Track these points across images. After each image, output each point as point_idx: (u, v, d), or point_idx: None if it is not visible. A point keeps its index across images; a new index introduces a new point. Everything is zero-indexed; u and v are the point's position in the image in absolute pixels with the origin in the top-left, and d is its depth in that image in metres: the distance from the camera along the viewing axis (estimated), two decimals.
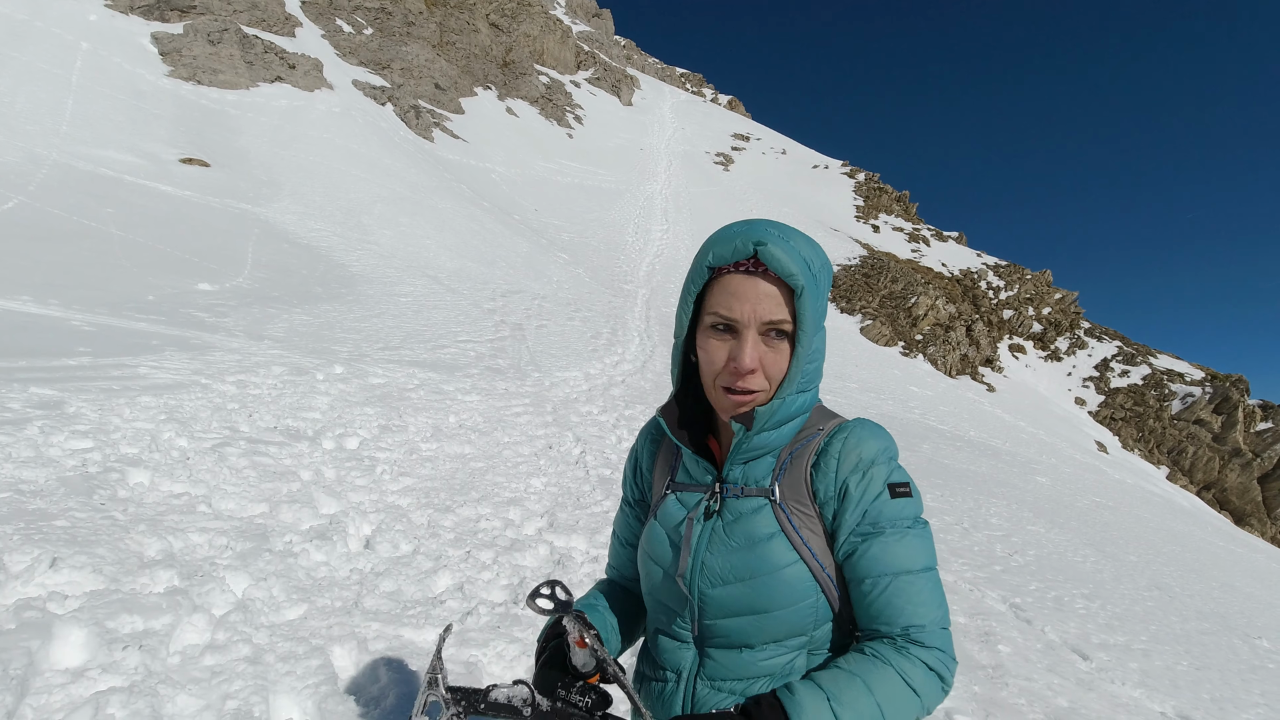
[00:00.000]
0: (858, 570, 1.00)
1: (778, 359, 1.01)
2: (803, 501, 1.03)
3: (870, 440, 1.04)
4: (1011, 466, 13.75)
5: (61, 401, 4.24)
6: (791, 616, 1.02)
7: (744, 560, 1.02)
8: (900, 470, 1.04)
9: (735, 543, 1.04)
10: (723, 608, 1.04)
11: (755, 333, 1.00)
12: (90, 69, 18.40)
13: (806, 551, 1.02)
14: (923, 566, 1.00)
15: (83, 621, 2.22)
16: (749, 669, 1.04)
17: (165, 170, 14.86)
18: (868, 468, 1.02)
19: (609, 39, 66.81)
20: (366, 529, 3.63)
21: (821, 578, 1.02)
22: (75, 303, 7.12)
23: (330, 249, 13.56)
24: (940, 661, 0.97)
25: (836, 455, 1.03)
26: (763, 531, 1.02)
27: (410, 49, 33.77)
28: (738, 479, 1.06)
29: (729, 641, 1.05)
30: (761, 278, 0.99)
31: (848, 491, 1.01)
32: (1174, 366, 39.94)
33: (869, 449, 1.03)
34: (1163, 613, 6.44)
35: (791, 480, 1.04)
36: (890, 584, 0.98)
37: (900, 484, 1.02)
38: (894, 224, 46.38)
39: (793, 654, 1.04)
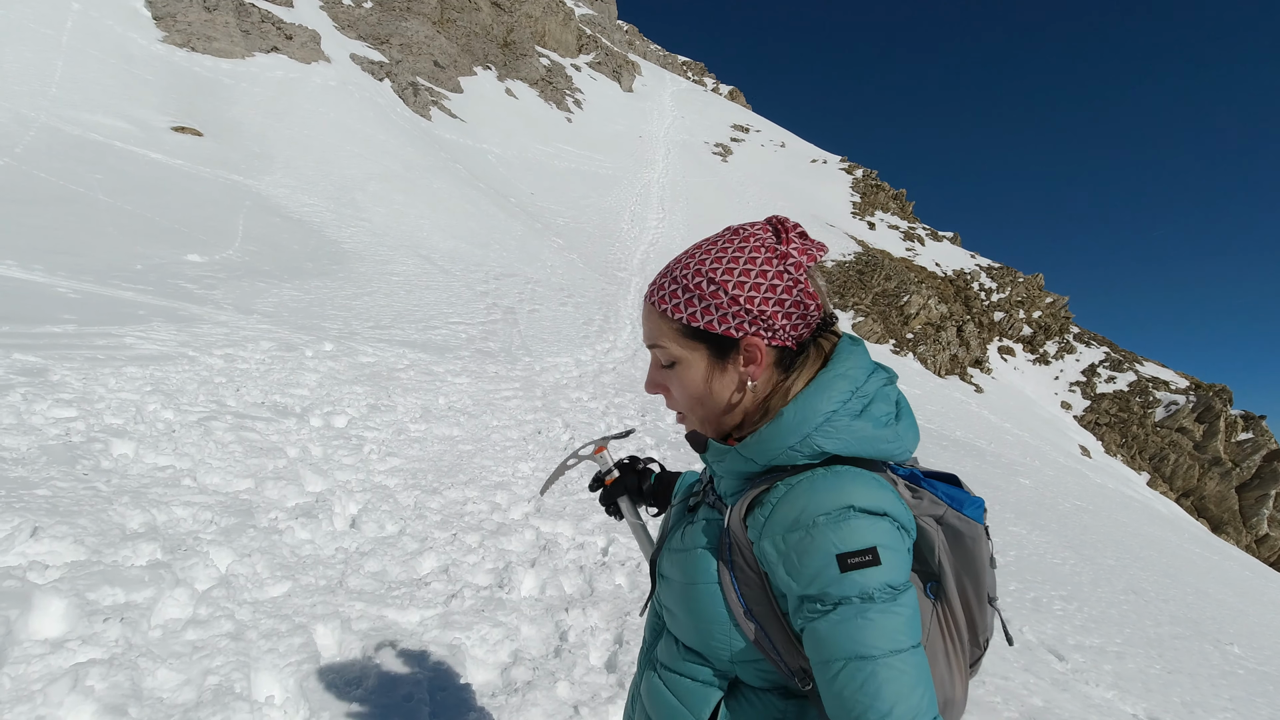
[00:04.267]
0: (809, 649, 0.86)
1: (674, 386, 0.99)
2: (739, 535, 0.93)
3: (818, 496, 0.85)
4: (995, 468, 13.88)
5: (45, 369, 4.18)
6: (705, 631, 0.97)
7: (680, 562, 1.02)
8: (859, 533, 0.83)
9: (684, 543, 1.03)
10: (665, 595, 1.06)
11: (652, 361, 1.00)
12: (81, 30, 18.04)
13: (729, 581, 0.94)
14: (886, 650, 0.80)
15: (63, 592, 2.20)
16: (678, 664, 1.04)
17: (156, 138, 14.63)
18: (806, 530, 0.85)
19: (611, 23, 66.22)
20: (353, 508, 3.61)
21: (738, 613, 0.93)
22: (60, 269, 7.02)
23: (322, 224, 13.42)
24: None
25: (772, 504, 0.89)
26: (701, 540, 1.00)
27: (410, 24, 33.35)
28: (717, 487, 1.03)
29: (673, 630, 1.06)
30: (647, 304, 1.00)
31: (779, 554, 0.87)
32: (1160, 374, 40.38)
33: (811, 506, 0.85)
34: (1137, 616, 6.53)
35: (738, 510, 0.94)
36: (842, 670, 0.81)
37: (855, 552, 0.82)
38: (890, 222, 46.47)
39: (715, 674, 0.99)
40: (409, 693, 2.29)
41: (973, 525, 0.96)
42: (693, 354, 0.95)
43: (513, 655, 2.68)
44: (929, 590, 0.93)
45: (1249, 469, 33.91)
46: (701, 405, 0.98)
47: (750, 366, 0.93)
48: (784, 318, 0.92)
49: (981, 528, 0.97)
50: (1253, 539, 32.12)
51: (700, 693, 1.00)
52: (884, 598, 0.82)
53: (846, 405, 0.90)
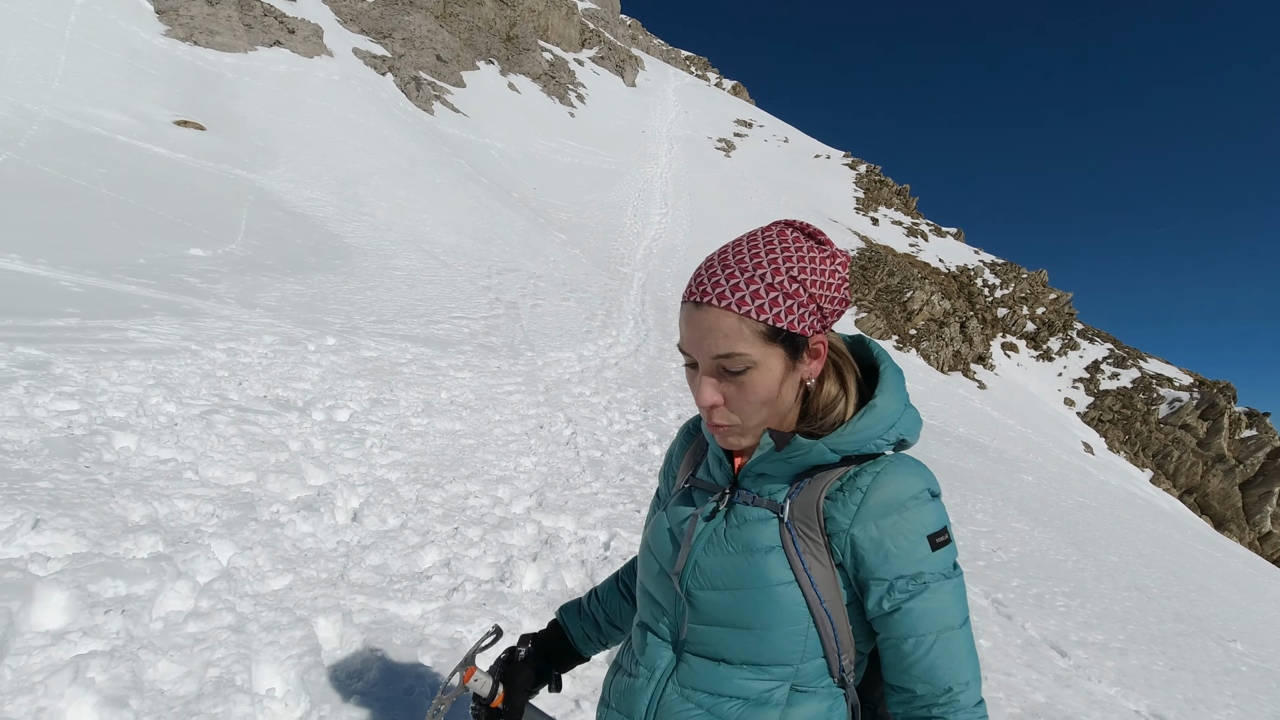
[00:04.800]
0: (900, 628, 0.93)
1: (741, 393, 0.93)
2: (812, 526, 0.95)
3: (905, 480, 0.93)
4: (998, 464, 13.86)
5: (48, 362, 4.19)
6: (778, 640, 0.95)
7: (737, 568, 0.96)
8: (938, 513, 0.94)
9: (733, 548, 0.98)
10: (708, 614, 0.99)
11: (709, 369, 0.94)
12: (84, 24, 18.03)
13: (805, 577, 0.94)
14: (962, 620, 0.95)
15: (64, 584, 2.20)
16: (723, 685, 0.98)
17: (159, 132, 14.63)
18: (901, 513, 0.92)
19: (614, 17, 66.02)
20: (354, 502, 3.61)
21: (817, 609, 0.95)
22: (64, 263, 7.02)
23: (325, 219, 13.42)
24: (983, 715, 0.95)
25: (863, 489, 0.93)
26: (762, 543, 0.96)
27: (413, 18, 33.28)
28: (750, 487, 1.01)
29: (708, 651, 1.00)
30: (709, 308, 0.91)
31: (875, 539, 0.92)
32: (1163, 371, 40.27)
33: (902, 490, 0.93)
34: (1140, 613, 6.52)
35: (803, 502, 0.96)
36: (935, 643, 0.93)
37: (939, 532, 0.93)
38: (893, 217, 46.33)
39: (774, 684, 0.97)
40: (410, 686, 2.29)
41: None
42: (771, 356, 0.92)
43: None
44: None
45: (1253, 466, 33.83)
46: (766, 409, 0.95)
47: (815, 363, 0.97)
48: (834, 314, 0.96)
49: None
50: (1256, 536, 32.05)
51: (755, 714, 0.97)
52: (957, 573, 0.95)
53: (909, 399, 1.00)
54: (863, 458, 0.96)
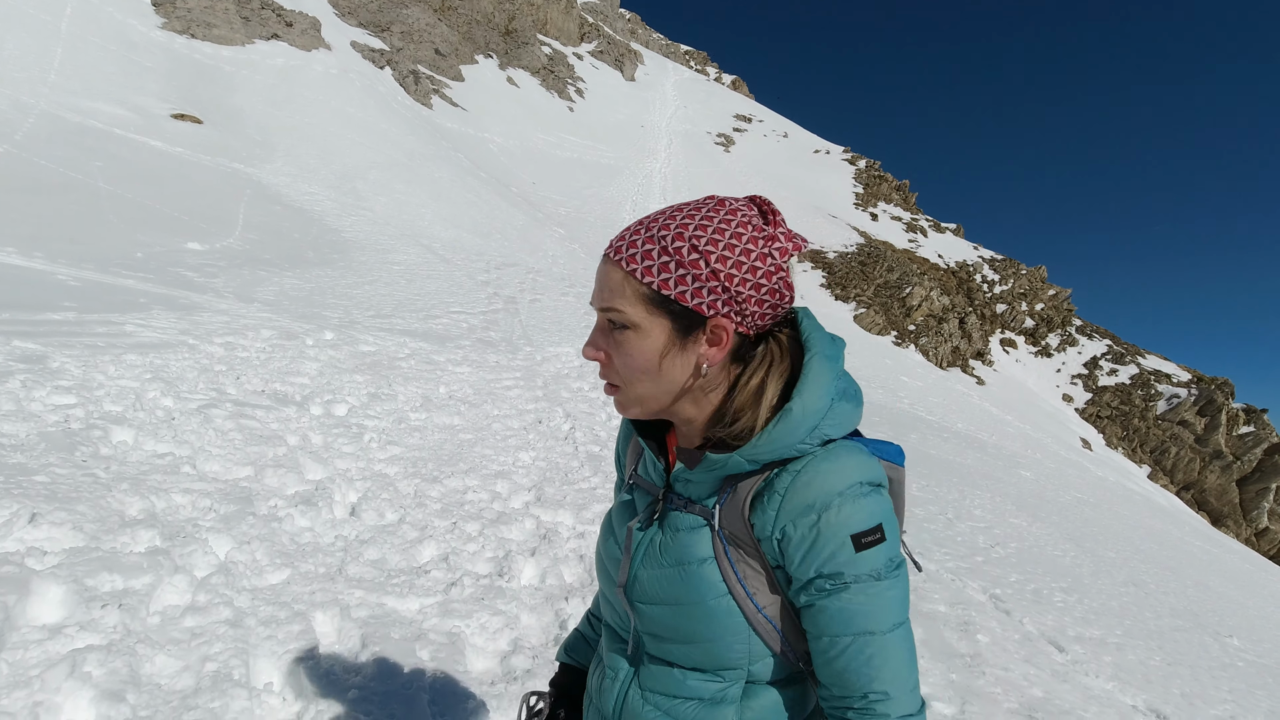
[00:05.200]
0: (815, 625, 0.88)
1: (619, 353, 0.89)
2: (741, 533, 0.90)
3: (829, 478, 0.85)
4: (997, 460, 13.88)
5: (45, 356, 4.17)
6: (718, 650, 0.92)
7: (671, 582, 0.93)
8: (870, 511, 0.85)
9: (667, 560, 0.94)
10: (651, 626, 0.97)
11: (598, 323, 0.91)
12: (80, 16, 17.94)
13: (740, 588, 0.90)
14: (890, 625, 0.86)
15: (61, 578, 2.19)
16: (678, 688, 0.97)
17: (156, 125, 14.57)
18: (821, 512, 0.85)
19: (614, 11, 65.80)
20: (352, 496, 3.60)
21: (755, 617, 0.91)
22: (61, 256, 7.00)
23: (323, 213, 13.38)
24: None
25: (781, 492, 0.87)
26: (695, 555, 0.92)
27: (411, 12, 33.14)
28: (682, 491, 0.96)
29: (661, 658, 0.98)
30: (606, 261, 0.88)
31: (792, 539, 0.86)
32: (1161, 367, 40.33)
33: (824, 488, 0.85)
34: (1138, 609, 6.53)
35: (731, 508, 0.90)
36: (850, 645, 0.86)
37: (866, 531, 0.85)
38: (892, 213, 46.30)
39: (726, 684, 0.95)
40: (408, 680, 2.29)
41: (899, 470, 0.99)
42: (653, 324, 0.86)
43: (512, 644, 2.68)
44: None
45: (1250, 462, 33.91)
46: (646, 381, 0.89)
47: (712, 349, 0.88)
48: (757, 304, 0.86)
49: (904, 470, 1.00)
50: (1253, 532, 32.16)
51: (713, 712, 0.96)
52: (889, 573, 0.86)
53: (836, 387, 0.89)
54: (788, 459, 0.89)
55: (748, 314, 0.86)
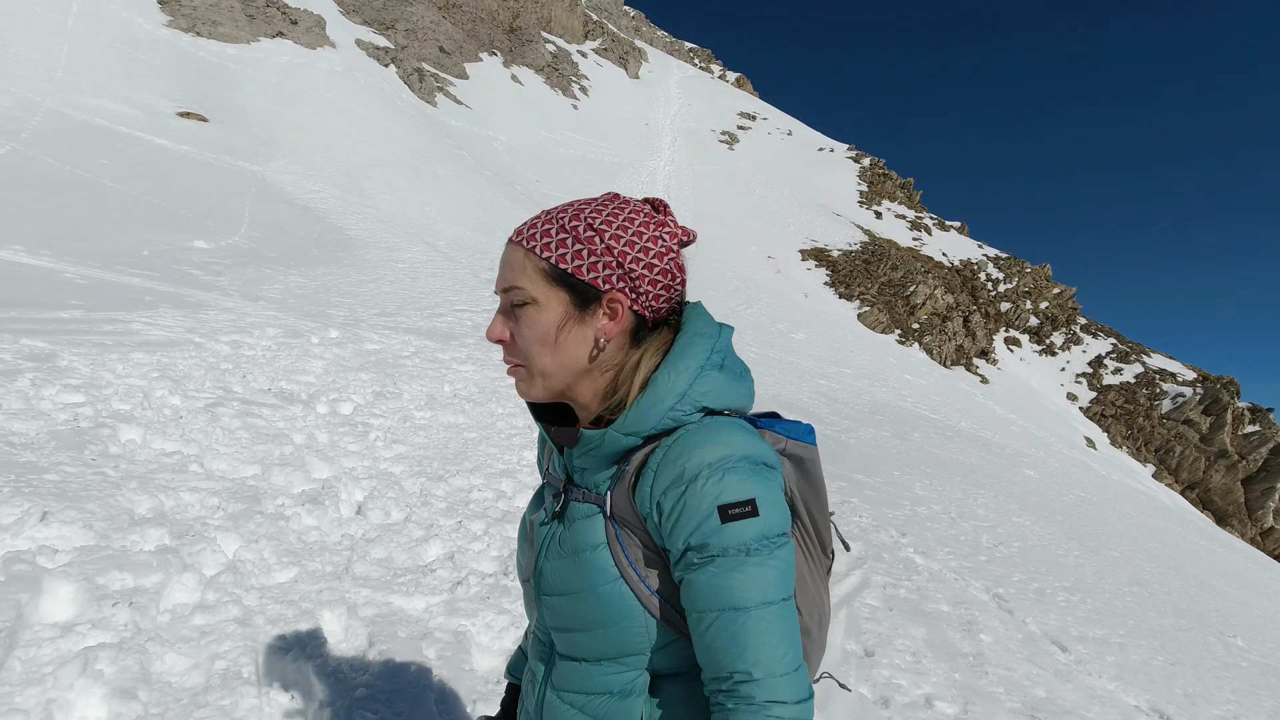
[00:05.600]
0: (686, 601, 0.87)
1: (520, 328, 0.92)
2: (629, 516, 0.91)
3: (699, 450, 0.86)
4: (1000, 458, 13.86)
5: (53, 354, 4.20)
6: (618, 637, 0.92)
7: (568, 570, 0.93)
8: (742, 484, 0.85)
9: (564, 550, 0.95)
10: (555, 619, 0.97)
11: (501, 306, 0.95)
12: (86, 14, 17.99)
13: (631, 572, 0.90)
14: (759, 602, 0.84)
15: (72, 576, 2.22)
16: (587, 683, 0.96)
17: (162, 123, 14.61)
18: (690, 483, 0.85)
19: (618, 9, 65.71)
20: (359, 495, 3.62)
21: (649, 600, 0.90)
22: (68, 254, 7.04)
23: (328, 211, 13.41)
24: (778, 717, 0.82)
25: (654, 468, 0.88)
26: (587, 542, 0.92)
27: (415, 10, 33.15)
28: (579, 481, 0.97)
29: (569, 652, 0.98)
30: (508, 244, 0.94)
31: (665, 512, 0.86)
32: (1167, 366, 40.20)
33: (693, 461, 0.85)
34: (1141, 608, 6.53)
35: (620, 491, 0.91)
36: (715, 621, 0.84)
37: (736, 503, 0.84)
38: (897, 211, 46.19)
39: (631, 672, 0.94)
40: (414, 679, 2.31)
41: (811, 449, 1.00)
42: (552, 297, 0.90)
43: (518, 643, 2.70)
44: None
45: (1255, 461, 33.80)
46: (546, 355, 0.91)
47: (608, 323, 0.91)
48: (650, 283, 0.91)
49: (816, 449, 1.01)
50: (1258, 532, 32.06)
51: (623, 705, 0.95)
52: (760, 549, 0.85)
53: (710, 359, 0.91)
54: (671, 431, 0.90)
55: (642, 292, 0.91)
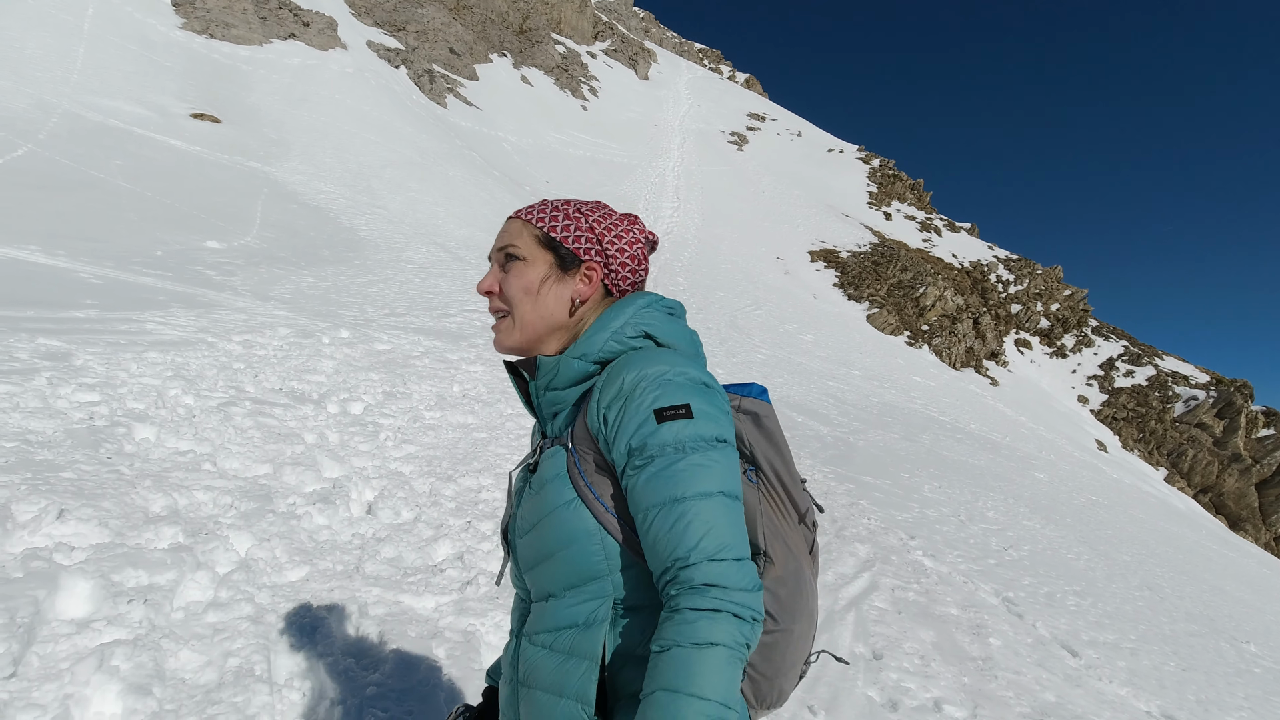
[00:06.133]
0: (632, 505, 0.92)
1: (509, 279, 1.07)
2: (585, 440, 0.98)
3: (637, 366, 0.96)
4: (1010, 461, 13.78)
5: (69, 353, 4.25)
6: (576, 557, 0.97)
7: (534, 506, 1.01)
8: (675, 390, 0.93)
9: (532, 489, 1.03)
10: (526, 559, 1.04)
11: (495, 261, 1.10)
12: (102, 17, 18.17)
13: (588, 492, 0.97)
14: (696, 493, 0.88)
15: (88, 573, 2.24)
16: (555, 619, 1.00)
17: (175, 124, 14.74)
18: (629, 395, 0.93)
19: (628, 10, 65.73)
20: (369, 494, 3.65)
21: (604, 517, 0.96)
22: (83, 254, 7.11)
23: (339, 211, 13.49)
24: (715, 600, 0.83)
25: (600, 384, 0.98)
26: (550, 474, 1.00)
27: (426, 11, 33.28)
28: (551, 432, 1.07)
29: (539, 593, 1.03)
30: (507, 219, 1.12)
31: (610, 422, 0.94)
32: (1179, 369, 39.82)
33: (632, 374, 0.95)
34: (1153, 613, 6.48)
35: (580, 423, 1.00)
36: (657, 515, 0.89)
37: (671, 406, 0.91)
38: (906, 212, 45.98)
39: (594, 601, 0.97)
40: (424, 678, 2.33)
41: (764, 405, 1.10)
42: (539, 257, 1.07)
43: None
44: (749, 475, 1.05)
45: (1269, 465, 33.42)
46: (528, 303, 1.05)
47: (583, 286, 1.07)
48: (620, 264, 1.08)
49: (770, 406, 1.11)
50: (1272, 537, 31.70)
51: (586, 635, 0.97)
52: (697, 447, 0.91)
53: (656, 305, 1.07)
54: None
55: (613, 269, 1.08)
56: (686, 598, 0.85)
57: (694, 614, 0.84)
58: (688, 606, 0.84)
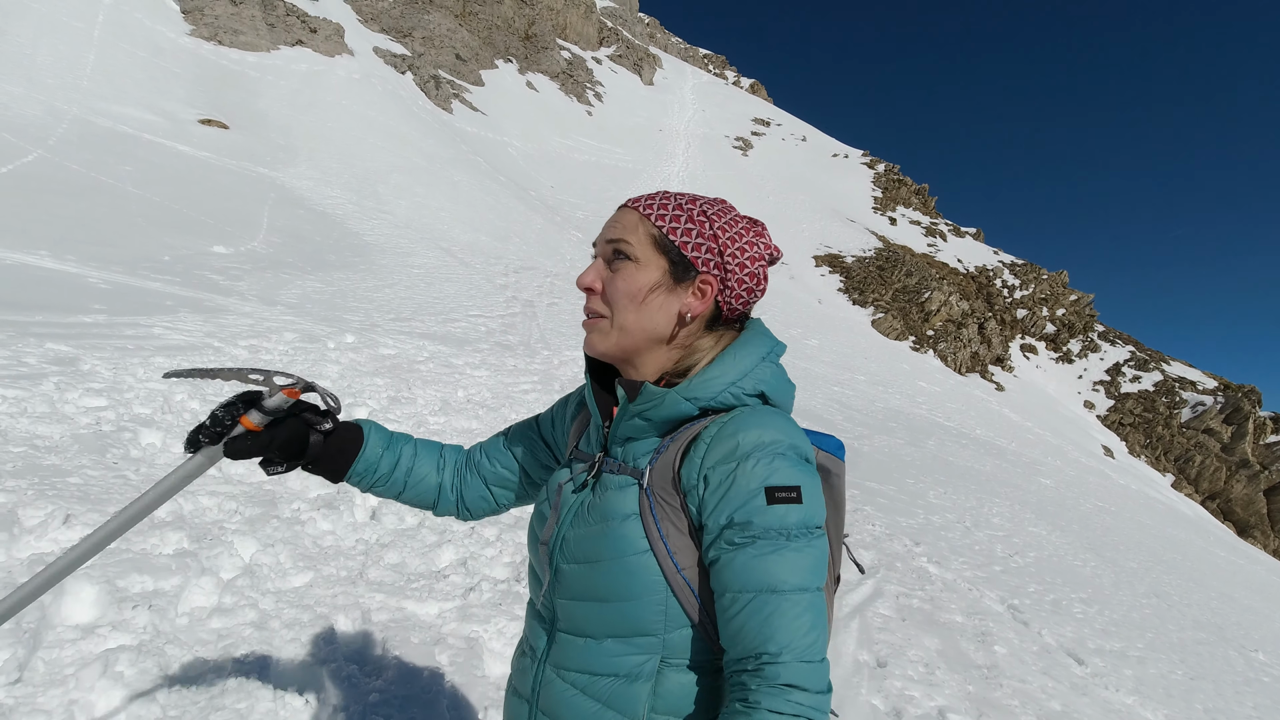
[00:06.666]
0: (719, 581, 0.88)
1: (615, 279, 0.97)
2: (668, 489, 0.92)
3: (754, 430, 0.89)
4: (1016, 466, 13.72)
5: (76, 358, 4.28)
6: (633, 611, 0.92)
7: (594, 538, 0.94)
8: (790, 469, 0.88)
9: (593, 518, 0.95)
10: (569, 588, 0.97)
11: (601, 253, 1.00)
12: (112, 24, 18.32)
13: (661, 545, 0.91)
14: (794, 586, 0.85)
15: (94, 579, 2.26)
16: (593, 663, 0.95)
17: (183, 130, 14.84)
18: (741, 460, 0.88)
19: (632, 16, 65.95)
20: (373, 500, 3.65)
21: (674, 578, 0.91)
22: (91, 259, 7.16)
23: (345, 217, 13.55)
24: (797, 706, 0.81)
25: (708, 440, 0.91)
26: (618, 511, 0.93)
27: (432, 18, 33.46)
28: (618, 455, 0.99)
29: (573, 627, 0.97)
30: (621, 209, 1.00)
31: (711, 484, 0.88)
32: (1187, 374, 39.63)
33: (748, 439, 0.88)
34: (1160, 621, 6.44)
35: (662, 465, 0.93)
36: (750, 602, 0.85)
37: (783, 487, 0.87)
38: (911, 217, 45.95)
39: (643, 656, 0.94)
40: (427, 684, 2.33)
41: (838, 463, 1.06)
42: (652, 261, 0.96)
43: None
44: None
45: (1278, 471, 33.21)
46: (631, 310, 0.96)
47: (694, 301, 0.97)
48: (738, 282, 0.98)
49: (844, 466, 1.07)
50: None
51: (628, 690, 0.94)
52: (800, 536, 0.87)
53: (770, 354, 0.99)
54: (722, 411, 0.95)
55: (730, 285, 0.98)
56: (768, 698, 0.82)
57: (773, 716, 0.81)
58: (768, 708, 0.82)
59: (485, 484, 1.28)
